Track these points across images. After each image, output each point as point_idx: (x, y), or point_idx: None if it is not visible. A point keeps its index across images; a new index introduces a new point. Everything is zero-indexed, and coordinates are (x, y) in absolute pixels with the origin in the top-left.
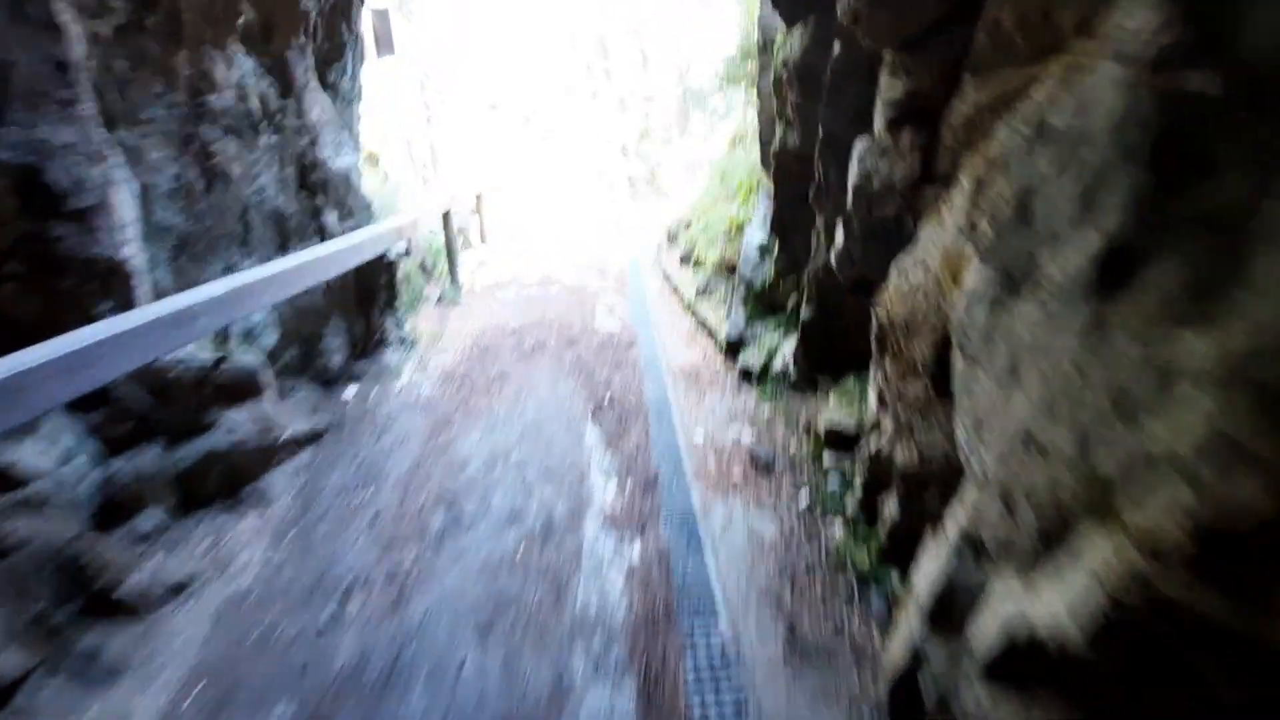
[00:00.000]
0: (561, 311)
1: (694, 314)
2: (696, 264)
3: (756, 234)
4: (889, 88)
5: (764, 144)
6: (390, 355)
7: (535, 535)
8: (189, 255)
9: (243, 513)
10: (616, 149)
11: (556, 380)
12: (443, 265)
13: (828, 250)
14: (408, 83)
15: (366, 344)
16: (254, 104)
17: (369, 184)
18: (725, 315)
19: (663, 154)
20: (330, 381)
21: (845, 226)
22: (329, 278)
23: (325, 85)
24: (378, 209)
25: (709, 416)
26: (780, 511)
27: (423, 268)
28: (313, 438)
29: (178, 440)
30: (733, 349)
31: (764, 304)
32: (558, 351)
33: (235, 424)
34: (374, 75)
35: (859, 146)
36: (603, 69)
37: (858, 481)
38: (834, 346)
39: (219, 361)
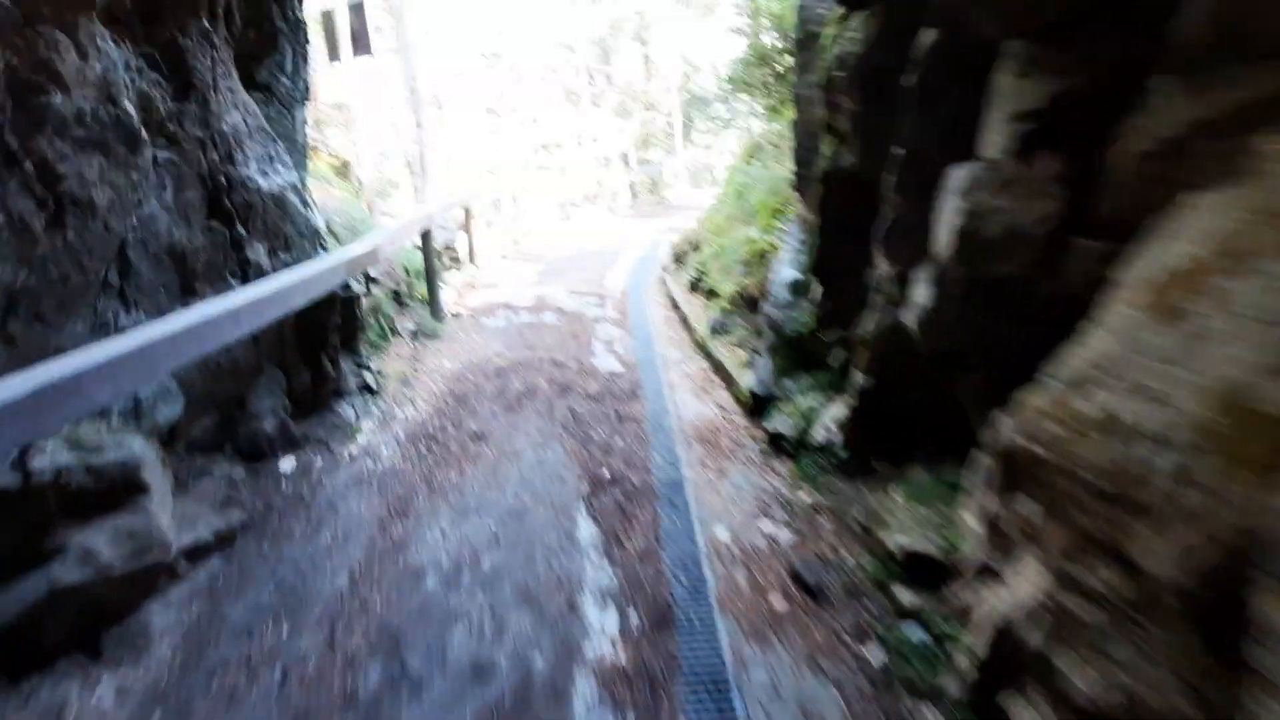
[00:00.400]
0: (554, 346)
1: (708, 355)
2: (710, 294)
3: (788, 269)
4: (1017, 94)
5: (801, 161)
6: (347, 409)
7: (504, 711)
8: (27, 317)
9: (98, 674)
10: (618, 157)
11: (545, 443)
12: (422, 290)
13: (898, 306)
14: (395, 86)
15: (316, 398)
16: (128, 108)
17: (333, 199)
18: (746, 361)
19: (665, 163)
20: (259, 454)
21: (937, 282)
22: (220, 346)
23: (253, 85)
24: (339, 229)
25: (733, 502)
26: (843, 676)
27: (396, 295)
28: (220, 543)
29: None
30: (757, 405)
31: (798, 355)
32: (548, 401)
33: (93, 547)
34: (352, 76)
35: (962, 174)
36: (604, 75)
37: (966, 654)
38: (899, 425)
39: (69, 462)
